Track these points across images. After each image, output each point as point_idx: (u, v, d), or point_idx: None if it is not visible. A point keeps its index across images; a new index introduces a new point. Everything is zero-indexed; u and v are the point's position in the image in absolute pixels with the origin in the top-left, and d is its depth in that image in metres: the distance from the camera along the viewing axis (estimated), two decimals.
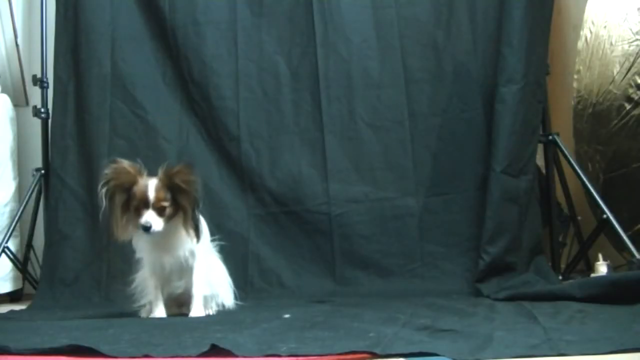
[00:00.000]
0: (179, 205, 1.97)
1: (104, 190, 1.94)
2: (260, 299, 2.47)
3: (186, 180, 1.96)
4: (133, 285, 2.10)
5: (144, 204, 1.93)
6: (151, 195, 1.93)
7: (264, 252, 2.69)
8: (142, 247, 2.04)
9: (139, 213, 1.93)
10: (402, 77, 2.72)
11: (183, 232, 1.98)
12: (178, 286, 2.07)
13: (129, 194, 1.95)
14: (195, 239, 1.98)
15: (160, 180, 1.96)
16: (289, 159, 2.75)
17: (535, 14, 2.50)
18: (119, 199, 1.96)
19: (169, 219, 1.97)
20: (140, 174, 1.96)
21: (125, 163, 1.97)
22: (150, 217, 1.92)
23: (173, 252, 2.02)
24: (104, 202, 1.95)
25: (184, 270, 2.04)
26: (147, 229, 1.91)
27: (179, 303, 2.11)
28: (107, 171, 1.96)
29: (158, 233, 1.95)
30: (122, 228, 1.97)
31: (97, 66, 2.85)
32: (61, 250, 2.75)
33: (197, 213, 1.98)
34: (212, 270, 2.11)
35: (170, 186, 1.95)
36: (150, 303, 2.05)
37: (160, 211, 1.94)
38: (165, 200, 1.95)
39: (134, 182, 1.95)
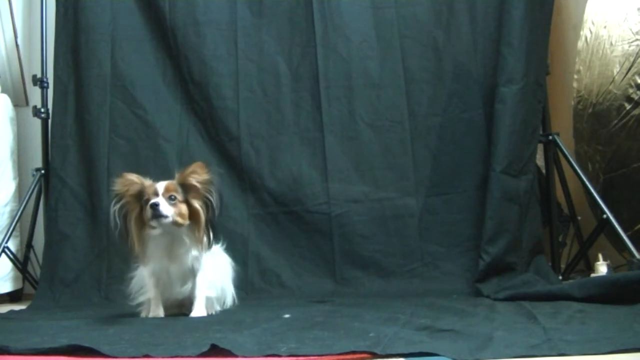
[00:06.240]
0: (192, 208, 1.94)
1: (117, 206, 1.93)
2: (260, 299, 2.47)
3: (200, 180, 1.95)
4: (132, 283, 2.09)
5: (154, 195, 1.92)
6: (161, 187, 1.93)
7: (264, 252, 2.69)
8: (148, 255, 2.00)
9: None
10: (402, 77, 2.72)
11: (191, 239, 1.96)
12: (180, 292, 2.04)
13: (141, 203, 1.93)
14: (203, 248, 1.96)
15: (175, 179, 1.96)
16: (289, 159, 2.75)
17: (535, 14, 2.50)
18: (134, 210, 1.94)
19: (179, 217, 1.92)
20: (146, 180, 1.97)
21: (131, 175, 1.97)
22: (159, 200, 1.89)
23: (179, 260, 1.99)
24: (118, 221, 1.93)
25: (188, 276, 2.03)
26: (155, 206, 1.87)
27: (179, 303, 2.10)
28: (116, 186, 1.95)
29: (167, 226, 1.91)
30: (141, 241, 1.94)
31: (97, 66, 2.85)
32: (61, 250, 2.75)
33: (210, 218, 1.95)
34: (216, 271, 2.10)
35: (183, 185, 1.95)
36: (149, 301, 2.04)
37: (170, 200, 1.91)
38: (175, 192, 1.93)
39: (144, 187, 1.94)
